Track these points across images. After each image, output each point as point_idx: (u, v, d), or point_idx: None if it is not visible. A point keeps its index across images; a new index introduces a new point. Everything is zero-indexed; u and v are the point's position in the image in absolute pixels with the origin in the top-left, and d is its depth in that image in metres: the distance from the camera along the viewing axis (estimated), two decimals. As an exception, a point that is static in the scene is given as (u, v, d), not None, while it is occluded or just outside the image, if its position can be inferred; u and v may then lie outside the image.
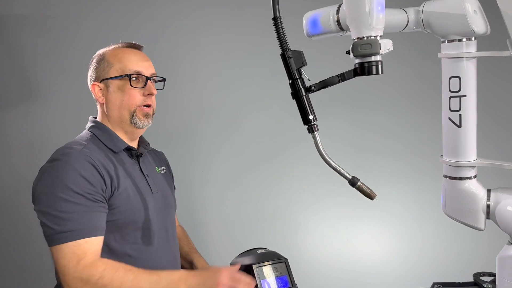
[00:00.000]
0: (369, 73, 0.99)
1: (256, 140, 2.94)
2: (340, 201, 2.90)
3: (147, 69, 1.26)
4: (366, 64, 0.99)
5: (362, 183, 1.05)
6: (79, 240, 1.05)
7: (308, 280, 1.53)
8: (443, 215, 1.36)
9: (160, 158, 1.44)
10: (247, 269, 1.23)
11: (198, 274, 1.09)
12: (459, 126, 1.23)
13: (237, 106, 2.89)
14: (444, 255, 2.94)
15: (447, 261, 2.89)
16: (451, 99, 1.23)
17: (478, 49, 1.20)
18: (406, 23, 1.21)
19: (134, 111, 1.23)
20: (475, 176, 1.31)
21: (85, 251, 1.05)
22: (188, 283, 1.05)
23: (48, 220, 1.06)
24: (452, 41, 1.19)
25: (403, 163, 2.96)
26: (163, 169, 1.39)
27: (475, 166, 1.27)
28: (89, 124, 1.30)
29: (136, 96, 1.23)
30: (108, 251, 1.14)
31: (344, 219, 2.89)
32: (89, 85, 1.31)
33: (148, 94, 1.24)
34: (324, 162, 1.04)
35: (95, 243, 1.08)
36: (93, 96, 1.31)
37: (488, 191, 1.30)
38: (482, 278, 1.48)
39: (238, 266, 1.12)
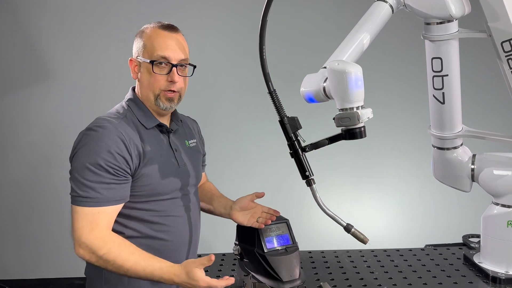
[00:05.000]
0: (352, 138, 1.07)
1: (260, 117, 3.11)
2: (341, 176, 3.13)
3: (176, 55, 1.27)
4: (351, 131, 1.07)
5: (355, 229, 1.16)
6: (93, 209, 1.17)
7: (309, 246, 1.73)
8: (434, 185, 1.48)
9: (192, 131, 1.50)
10: (252, 229, 1.40)
11: (184, 275, 1.15)
12: (443, 103, 1.31)
13: (243, 91, 3.08)
14: (436, 220, 3.17)
15: (439, 225, 3.12)
16: (434, 78, 1.30)
17: (462, 27, 1.24)
18: (391, 11, 1.25)
19: (158, 95, 1.28)
20: (461, 144, 1.41)
21: (98, 222, 1.17)
22: (178, 280, 1.14)
23: (74, 182, 1.18)
24: (433, 23, 1.24)
25: (399, 139, 3.13)
26: (193, 142, 1.45)
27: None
28: (127, 96, 1.35)
29: (160, 80, 1.27)
30: (133, 217, 1.26)
31: (345, 193, 3.13)
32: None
33: (170, 81, 1.27)
34: (319, 208, 1.15)
35: (109, 212, 1.20)
36: None
37: (474, 156, 1.40)
38: (471, 239, 1.63)
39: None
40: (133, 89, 1.37)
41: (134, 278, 1.20)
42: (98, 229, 1.17)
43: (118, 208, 1.23)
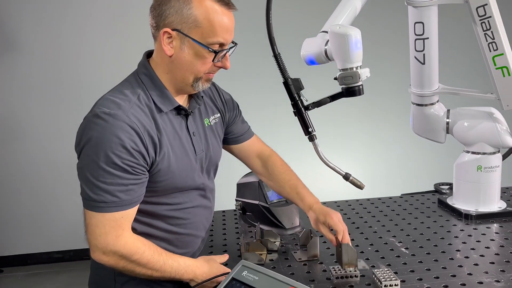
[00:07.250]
0: (352, 95, 1.20)
1: (252, 87, 3.21)
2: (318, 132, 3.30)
3: (231, 38, 1.11)
4: (350, 89, 1.19)
5: (353, 177, 1.30)
6: (115, 213, 1.04)
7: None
8: (408, 138, 1.64)
9: (213, 101, 1.32)
10: (254, 186, 1.53)
11: (207, 266, 1.19)
12: (423, 63, 1.47)
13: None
14: (410, 171, 3.45)
15: (413, 176, 3.40)
16: (416, 41, 1.45)
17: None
18: None
19: (201, 77, 1.12)
20: (437, 101, 1.58)
21: (123, 226, 1.05)
22: (199, 272, 1.15)
23: (86, 184, 1.03)
24: (416, -10, 1.37)
25: (376, 96, 3.32)
26: (215, 118, 1.30)
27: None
28: (141, 67, 1.14)
29: (209, 65, 1.10)
30: (146, 212, 1.15)
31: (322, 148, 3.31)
32: (154, 24, 1.09)
33: (221, 66, 1.14)
34: (321, 161, 1.27)
35: (131, 215, 1.08)
36: (153, 35, 1.11)
37: (448, 111, 1.58)
38: (441, 186, 1.84)
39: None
40: (147, 55, 1.16)
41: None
42: (126, 234, 1.07)
43: (137, 207, 1.11)
